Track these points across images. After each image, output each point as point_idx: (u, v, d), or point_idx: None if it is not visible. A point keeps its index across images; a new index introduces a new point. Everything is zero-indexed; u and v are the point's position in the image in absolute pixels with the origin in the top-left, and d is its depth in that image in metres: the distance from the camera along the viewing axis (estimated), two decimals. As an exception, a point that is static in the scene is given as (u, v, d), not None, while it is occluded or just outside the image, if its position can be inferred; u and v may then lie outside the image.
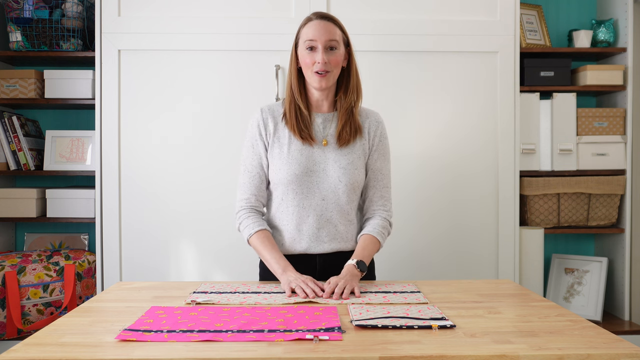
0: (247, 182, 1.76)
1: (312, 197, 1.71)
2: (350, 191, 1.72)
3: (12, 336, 2.39)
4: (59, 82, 2.65)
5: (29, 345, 1.12)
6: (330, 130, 1.75)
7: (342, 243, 1.75)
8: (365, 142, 1.76)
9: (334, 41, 1.68)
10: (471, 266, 2.53)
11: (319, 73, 1.67)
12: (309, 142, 1.71)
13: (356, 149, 1.74)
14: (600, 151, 2.77)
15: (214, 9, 2.48)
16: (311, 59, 1.67)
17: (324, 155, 1.72)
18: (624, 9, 2.77)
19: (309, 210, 1.72)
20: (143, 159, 2.48)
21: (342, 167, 1.71)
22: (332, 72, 1.69)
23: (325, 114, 1.76)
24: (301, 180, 1.70)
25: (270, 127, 1.74)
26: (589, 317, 2.73)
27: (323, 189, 1.71)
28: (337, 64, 1.69)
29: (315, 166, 1.71)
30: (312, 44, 1.67)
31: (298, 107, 1.73)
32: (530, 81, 2.76)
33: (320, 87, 1.69)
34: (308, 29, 1.69)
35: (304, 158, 1.71)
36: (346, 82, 1.75)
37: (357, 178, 1.73)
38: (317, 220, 1.72)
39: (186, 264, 2.49)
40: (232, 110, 2.49)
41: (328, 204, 1.72)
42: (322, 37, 1.67)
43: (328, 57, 1.67)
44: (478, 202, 2.53)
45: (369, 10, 2.50)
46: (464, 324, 1.27)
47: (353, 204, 1.76)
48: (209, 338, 1.15)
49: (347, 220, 1.75)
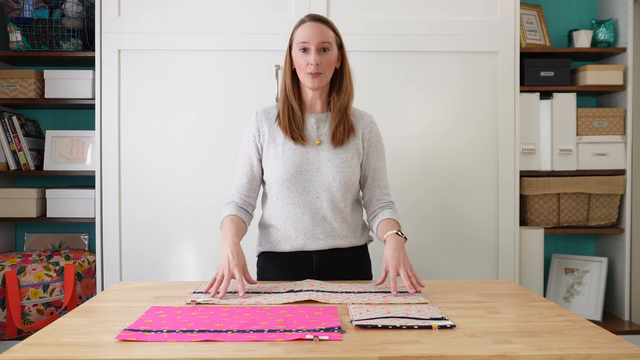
0: (235, 180, 1.82)
1: (306, 195, 1.75)
2: (344, 189, 1.76)
3: (12, 336, 2.39)
4: (59, 82, 2.65)
5: (29, 345, 1.12)
6: (323, 130, 1.78)
7: (338, 240, 1.78)
8: (358, 141, 1.80)
9: (326, 43, 1.72)
10: (471, 266, 2.53)
11: (312, 74, 1.70)
12: (301, 143, 1.75)
13: (350, 148, 1.78)
14: (600, 151, 2.77)
15: (214, 9, 2.48)
16: (304, 61, 1.71)
17: (318, 154, 1.76)
18: (624, 9, 2.77)
19: (303, 208, 1.75)
20: (143, 159, 2.48)
21: (335, 165, 1.75)
22: (325, 74, 1.73)
23: (318, 115, 1.80)
24: (295, 178, 1.74)
25: (264, 128, 1.79)
26: (589, 317, 2.73)
27: (317, 187, 1.75)
28: (330, 65, 1.73)
29: (310, 165, 1.75)
30: (305, 45, 1.71)
31: (291, 108, 1.77)
32: (530, 81, 2.76)
33: (313, 87, 1.74)
34: (301, 31, 1.74)
35: (298, 157, 1.74)
36: (339, 83, 1.79)
37: (351, 176, 1.77)
38: (312, 218, 1.75)
39: (186, 264, 2.49)
40: (232, 110, 2.49)
41: (322, 201, 1.75)
42: (315, 39, 1.70)
43: (320, 58, 1.71)
44: (478, 202, 2.53)
45: (369, 11, 2.50)
46: (464, 324, 1.27)
47: (347, 202, 1.79)
48: (209, 338, 1.15)
49: (341, 218, 1.78)
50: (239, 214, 1.76)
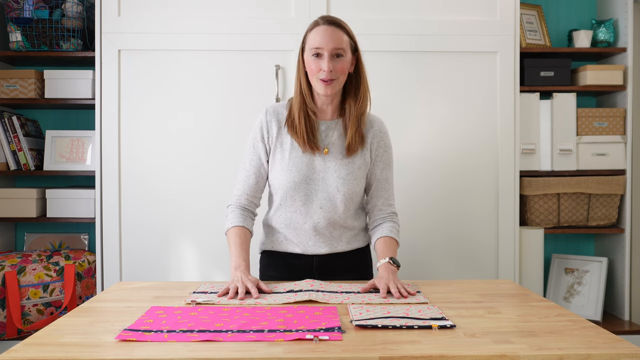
0: (242, 180, 1.78)
1: (309, 204, 1.73)
2: (347, 201, 1.73)
3: (12, 336, 2.39)
4: (59, 82, 2.65)
5: (29, 345, 1.12)
6: (332, 138, 1.73)
7: (339, 246, 1.78)
8: (366, 152, 1.75)
9: (340, 49, 1.65)
10: (471, 266, 2.53)
11: (324, 81, 1.65)
12: (310, 152, 1.70)
13: (357, 159, 1.73)
14: (600, 151, 2.77)
15: (214, 9, 2.48)
16: (317, 66, 1.65)
17: (324, 164, 1.72)
18: (624, 9, 2.77)
19: (305, 217, 1.74)
20: (143, 159, 2.48)
21: (341, 177, 1.71)
22: (338, 80, 1.66)
23: (328, 122, 1.74)
24: (299, 187, 1.71)
25: (273, 130, 1.74)
26: (589, 317, 2.73)
27: (321, 197, 1.72)
28: (343, 71, 1.67)
29: (315, 175, 1.72)
30: (318, 51, 1.65)
31: (307, 114, 1.70)
32: (530, 81, 2.75)
33: (325, 94, 1.68)
34: (314, 35, 1.66)
35: (304, 166, 1.71)
36: (355, 88, 1.73)
37: (356, 189, 1.74)
38: (313, 227, 1.74)
39: (186, 264, 2.49)
40: (232, 110, 2.49)
41: (325, 212, 1.73)
42: (329, 44, 1.63)
43: (334, 64, 1.64)
44: (478, 202, 2.53)
45: (369, 10, 2.50)
46: (464, 324, 1.27)
47: (349, 212, 1.77)
48: (209, 338, 1.15)
49: (343, 227, 1.77)
50: (245, 223, 1.74)
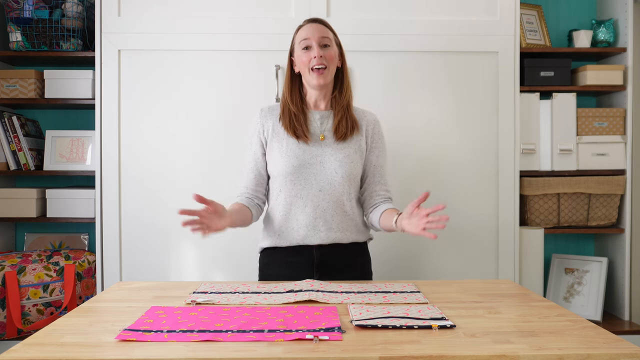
0: (244, 176, 1.90)
1: (309, 188, 1.79)
2: (346, 182, 1.80)
3: (12, 336, 2.39)
4: (59, 82, 2.65)
5: (29, 345, 1.12)
6: (327, 125, 1.85)
7: (339, 233, 1.81)
8: (362, 137, 1.86)
9: (326, 38, 1.80)
10: (471, 266, 2.53)
11: (317, 69, 1.77)
12: (304, 140, 1.80)
13: (352, 144, 1.84)
14: (600, 151, 2.77)
15: (214, 9, 2.48)
16: (307, 57, 1.79)
17: (321, 149, 1.81)
18: (624, 9, 2.77)
19: (306, 201, 1.79)
20: (143, 159, 2.48)
21: (338, 159, 1.80)
22: (329, 68, 1.80)
23: (322, 112, 1.87)
24: (298, 171, 1.79)
25: (268, 126, 1.85)
26: (589, 317, 2.73)
27: (320, 180, 1.79)
28: (332, 59, 1.80)
29: (313, 159, 1.80)
30: (307, 42, 1.80)
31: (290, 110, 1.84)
32: (530, 81, 2.76)
33: (319, 84, 1.79)
34: (301, 32, 1.83)
35: (302, 151, 1.80)
36: (340, 81, 1.87)
37: (353, 170, 1.82)
38: (313, 210, 1.79)
39: (186, 264, 2.49)
40: (232, 110, 2.49)
41: (324, 194, 1.79)
42: (315, 34, 1.79)
43: (323, 52, 1.78)
44: (478, 202, 2.53)
45: (369, 11, 2.50)
46: (464, 324, 1.27)
47: (349, 196, 1.82)
48: (209, 338, 1.15)
49: (343, 212, 1.82)
50: (247, 203, 1.83)
